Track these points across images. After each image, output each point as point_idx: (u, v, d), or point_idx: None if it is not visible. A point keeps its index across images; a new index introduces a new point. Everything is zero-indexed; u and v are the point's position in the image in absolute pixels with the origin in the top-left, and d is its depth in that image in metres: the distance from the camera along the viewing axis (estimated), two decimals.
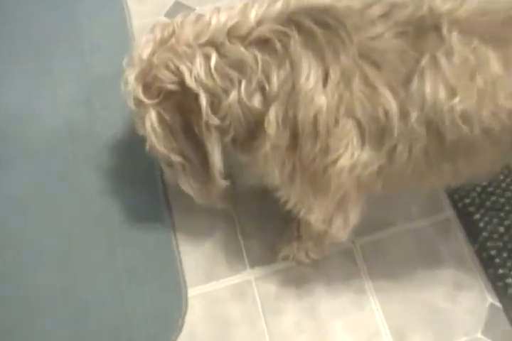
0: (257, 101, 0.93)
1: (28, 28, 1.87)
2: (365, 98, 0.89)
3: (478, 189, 1.49)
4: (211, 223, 1.51)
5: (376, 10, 0.91)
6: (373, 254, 1.44)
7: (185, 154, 1.02)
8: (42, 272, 1.47)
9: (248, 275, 1.44)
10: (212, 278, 1.45)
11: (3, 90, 1.76)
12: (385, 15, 0.91)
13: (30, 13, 1.90)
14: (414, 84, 0.87)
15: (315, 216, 1.11)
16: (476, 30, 0.88)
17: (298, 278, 1.43)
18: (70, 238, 1.52)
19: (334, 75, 0.88)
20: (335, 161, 0.95)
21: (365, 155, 0.94)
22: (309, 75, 0.88)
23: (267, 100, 0.92)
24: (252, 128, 0.97)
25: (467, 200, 1.48)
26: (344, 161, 0.94)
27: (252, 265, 1.45)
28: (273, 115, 0.92)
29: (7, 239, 1.52)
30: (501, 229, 1.44)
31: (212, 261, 1.47)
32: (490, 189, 1.50)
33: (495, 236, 1.43)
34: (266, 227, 1.49)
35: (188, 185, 1.10)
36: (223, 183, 1.06)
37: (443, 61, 0.87)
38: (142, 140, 1.54)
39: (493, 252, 1.41)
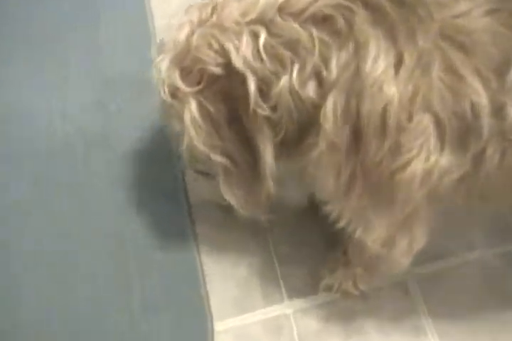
0: (311, 90, 0.78)
1: (36, 23, 1.72)
2: (446, 89, 0.75)
3: None
4: (242, 245, 1.34)
5: None
6: (432, 288, 1.26)
7: (229, 153, 0.86)
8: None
9: (285, 308, 1.26)
10: (243, 311, 1.26)
11: (11, 91, 1.60)
12: None
13: (40, 7, 1.74)
14: None
15: (374, 236, 0.96)
16: None
17: (343, 313, 1.25)
18: (78, 253, 1.36)
19: (409, 60, 0.74)
20: (405, 165, 0.79)
21: (444, 160, 0.78)
22: (378, 59, 0.74)
23: (323, 88, 0.78)
24: (304, 124, 0.83)
25: None
26: (417, 165, 0.79)
27: (291, 296, 1.27)
28: (331, 107, 0.77)
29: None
30: None
31: (243, 291, 1.29)
32: None
33: None
34: (307, 251, 1.31)
35: (230, 193, 0.93)
36: (274, 188, 0.91)
37: None
38: (162, 148, 1.44)
39: None
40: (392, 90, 0.74)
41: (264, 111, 0.80)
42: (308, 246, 1.32)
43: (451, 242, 1.29)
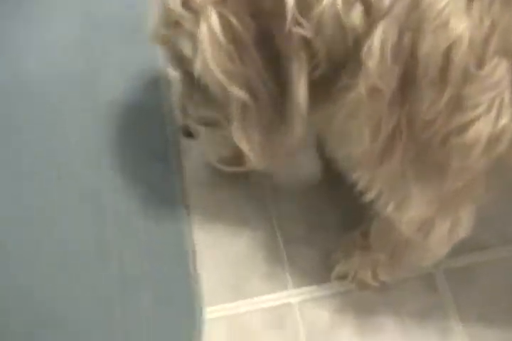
0: (356, 16, 0.63)
1: None
2: None
3: None
4: (241, 218, 1.15)
5: None
6: (462, 284, 1.09)
7: (251, 84, 0.69)
8: None
9: (290, 297, 1.08)
10: (239, 296, 1.08)
11: None
12: None
13: None
14: None
15: (410, 214, 0.80)
16: None
17: (358, 307, 1.07)
18: (52, 216, 1.17)
19: None
20: (467, 125, 0.64)
21: None
22: None
23: (371, 16, 0.62)
24: (340, 63, 0.67)
25: None
26: (483, 127, 0.64)
27: (296, 283, 1.10)
28: (378, 40, 0.62)
29: None
30: None
31: (240, 271, 1.11)
32: None
33: None
34: (318, 230, 1.13)
35: (245, 138, 0.75)
36: (301, 134, 0.74)
37: None
38: (152, 101, 1.26)
39: None
40: (462, 26, 0.59)
41: (304, 30, 0.64)
42: (320, 224, 1.15)
43: (486, 233, 1.13)
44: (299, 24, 0.63)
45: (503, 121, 0.64)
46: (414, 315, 1.06)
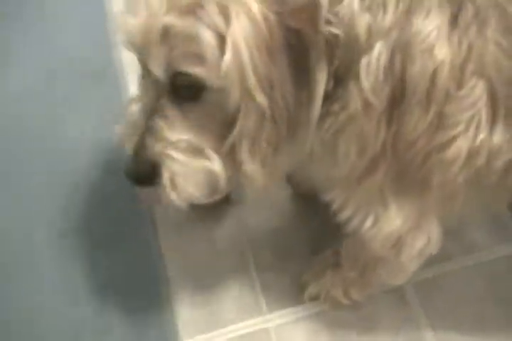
0: (364, 24, 0.65)
1: None
2: (502, 51, 0.65)
3: None
4: (213, 249, 1.18)
5: None
6: (431, 295, 1.13)
7: (275, 91, 0.67)
8: None
9: (266, 322, 1.10)
10: (215, 326, 1.10)
11: None
12: None
13: None
14: None
15: (387, 231, 0.82)
16: None
17: (333, 326, 1.10)
18: None
19: (466, 15, 0.65)
20: (448, 142, 0.69)
21: (495, 138, 0.69)
22: (430, 13, 0.65)
23: (372, 33, 0.65)
24: (344, 73, 0.68)
25: None
26: (462, 143, 0.69)
27: (271, 308, 1.12)
28: (375, 57, 0.65)
29: None
30: None
31: (215, 303, 1.13)
32: None
33: None
34: (289, 256, 1.16)
35: (253, 157, 0.73)
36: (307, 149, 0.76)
37: None
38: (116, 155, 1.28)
39: None
40: (444, 52, 0.65)
41: (335, 29, 0.65)
42: (289, 248, 1.18)
43: (449, 244, 1.16)
44: (329, 22, 0.64)
45: (481, 136, 0.69)
46: (388, 329, 1.09)
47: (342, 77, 0.68)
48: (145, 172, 0.75)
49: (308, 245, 1.17)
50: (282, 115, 0.68)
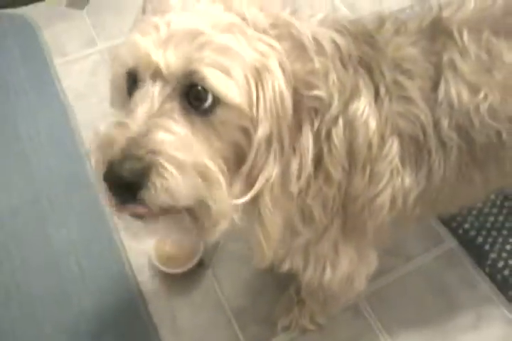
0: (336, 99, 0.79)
1: None
2: (404, 111, 0.85)
3: (474, 212, 1.46)
4: (195, 307, 1.41)
5: (389, 26, 0.91)
6: (381, 303, 1.35)
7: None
8: None
9: None
10: None
11: None
12: (398, 29, 0.90)
13: None
14: (442, 89, 0.85)
15: (339, 273, 1.00)
16: (483, 25, 0.88)
17: None
18: None
19: (382, 91, 0.83)
20: (379, 193, 0.86)
21: (407, 181, 0.87)
22: (361, 96, 0.82)
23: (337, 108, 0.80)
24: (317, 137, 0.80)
25: (466, 225, 1.44)
26: (387, 193, 0.86)
27: None
28: (340, 130, 0.80)
29: None
30: (508, 247, 1.39)
31: None
32: (486, 210, 1.46)
33: (504, 255, 1.37)
34: (258, 298, 1.39)
35: (275, 204, 0.78)
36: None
37: (459, 61, 0.85)
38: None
39: (506, 272, 1.35)
40: (374, 122, 0.82)
41: (322, 92, 0.76)
42: (259, 292, 1.40)
43: (389, 258, 1.39)
44: (318, 87, 0.75)
45: (398, 183, 0.86)
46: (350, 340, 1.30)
47: (317, 140, 0.78)
48: (135, 173, 0.67)
49: (274, 287, 1.39)
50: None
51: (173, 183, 0.68)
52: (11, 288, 1.47)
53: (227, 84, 0.69)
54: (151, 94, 0.70)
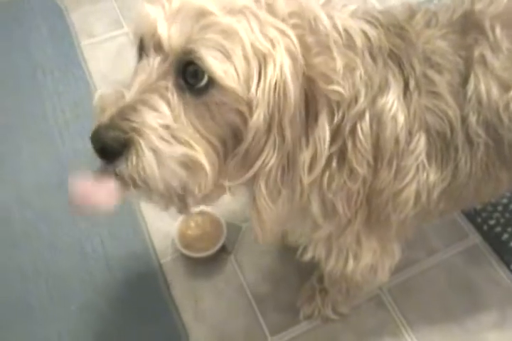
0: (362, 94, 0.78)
1: None
2: (432, 106, 0.84)
3: (500, 208, 1.46)
4: (217, 291, 1.43)
5: (419, 17, 0.90)
6: (404, 296, 1.36)
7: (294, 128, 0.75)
8: None
9: None
10: None
11: None
12: (428, 21, 0.89)
13: None
14: (471, 84, 0.85)
15: (362, 264, 1.01)
16: None
17: (326, 337, 1.33)
18: None
19: (412, 85, 0.83)
20: (404, 188, 0.86)
21: (431, 177, 0.87)
22: (390, 90, 0.81)
23: (364, 102, 0.79)
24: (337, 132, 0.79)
25: (492, 222, 1.44)
26: (412, 188, 0.87)
27: (273, 331, 1.35)
28: (367, 124, 0.80)
29: None
30: None
31: (225, 336, 1.36)
32: None
33: None
34: (280, 286, 1.41)
35: (269, 190, 0.77)
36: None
37: (490, 57, 0.85)
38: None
39: None
40: (402, 116, 0.81)
41: (340, 88, 0.74)
42: (281, 280, 1.41)
43: (413, 250, 1.40)
44: (338, 82, 0.73)
45: (423, 178, 0.86)
46: (372, 332, 1.32)
47: (338, 137, 0.78)
48: (116, 142, 0.70)
49: (297, 275, 1.40)
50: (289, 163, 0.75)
51: (147, 168, 0.70)
52: (39, 265, 1.50)
53: (224, 67, 0.68)
54: (150, 66, 0.71)
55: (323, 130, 0.73)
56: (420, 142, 0.84)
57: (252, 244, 1.48)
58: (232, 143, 0.76)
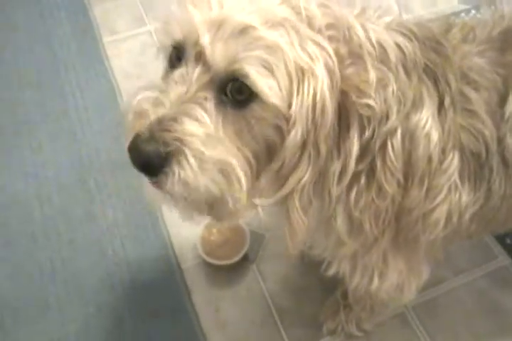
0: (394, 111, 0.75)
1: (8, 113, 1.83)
2: (468, 125, 0.81)
3: None
4: (240, 305, 1.40)
5: (456, 31, 0.88)
6: (429, 315, 1.34)
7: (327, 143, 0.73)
8: None
9: None
10: None
11: None
12: (465, 35, 0.87)
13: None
14: (510, 104, 0.82)
15: (387, 283, 0.99)
16: None
17: None
18: None
19: (447, 102, 0.79)
20: (434, 208, 0.83)
21: (464, 198, 0.84)
22: (424, 106, 0.78)
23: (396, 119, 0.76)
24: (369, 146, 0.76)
25: None
26: (443, 208, 0.83)
27: None
28: (398, 141, 0.77)
29: None
30: None
31: None
32: None
33: None
34: (303, 299, 1.38)
35: (303, 204, 0.76)
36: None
37: None
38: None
39: None
40: (437, 134, 0.78)
41: (372, 101, 0.71)
42: (304, 292, 1.39)
43: (439, 269, 1.37)
44: (369, 96, 0.71)
45: (455, 199, 0.83)
46: None
47: (367, 153, 0.75)
48: (158, 157, 0.68)
49: (320, 289, 1.38)
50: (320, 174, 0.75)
51: (191, 177, 0.69)
52: (57, 263, 1.47)
53: (268, 83, 0.67)
54: (190, 77, 0.69)
55: (353, 143, 0.72)
56: (454, 161, 0.81)
57: (275, 253, 1.46)
58: (265, 160, 0.75)
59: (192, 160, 0.68)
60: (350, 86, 0.70)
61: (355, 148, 0.72)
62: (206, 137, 0.69)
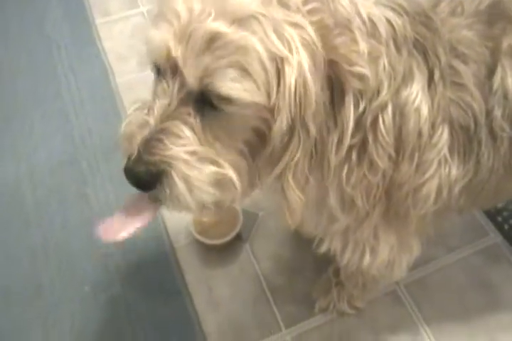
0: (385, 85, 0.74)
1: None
2: (457, 98, 0.80)
3: None
4: (232, 282, 1.39)
5: (444, 5, 0.85)
6: (421, 292, 1.33)
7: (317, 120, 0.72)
8: None
9: (284, 336, 1.31)
10: None
11: None
12: (454, 9, 0.85)
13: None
14: (498, 76, 0.81)
15: (379, 258, 0.98)
16: None
17: (341, 331, 1.31)
18: None
19: (436, 75, 0.78)
20: (424, 183, 0.83)
21: (454, 171, 0.83)
22: (413, 81, 0.77)
23: (387, 93, 0.75)
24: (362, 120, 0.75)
25: None
26: (433, 182, 0.83)
27: (287, 323, 1.32)
28: (389, 116, 0.76)
29: None
30: None
31: (238, 325, 1.33)
32: None
33: None
34: (296, 277, 1.38)
35: (297, 183, 0.75)
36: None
37: None
38: None
39: None
40: (426, 108, 0.77)
41: (365, 70, 0.70)
42: (297, 271, 1.38)
43: (431, 247, 1.37)
44: (361, 65, 0.69)
45: (445, 173, 0.82)
46: (387, 327, 1.29)
47: (359, 129, 0.75)
48: (148, 176, 0.71)
49: (313, 267, 1.37)
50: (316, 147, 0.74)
51: (181, 196, 0.73)
52: (50, 245, 1.47)
53: (244, 87, 0.67)
54: (171, 90, 0.70)
55: (349, 111, 0.71)
56: (443, 135, 0.80)
57: (268, 232, 1.46)
58: (258, 142, 0.75)
59: (179, 182, 0.71)
60: (340, 55, 0.68)
61: (351, 117, 0.72)
62: (191, 156, 0.71)
